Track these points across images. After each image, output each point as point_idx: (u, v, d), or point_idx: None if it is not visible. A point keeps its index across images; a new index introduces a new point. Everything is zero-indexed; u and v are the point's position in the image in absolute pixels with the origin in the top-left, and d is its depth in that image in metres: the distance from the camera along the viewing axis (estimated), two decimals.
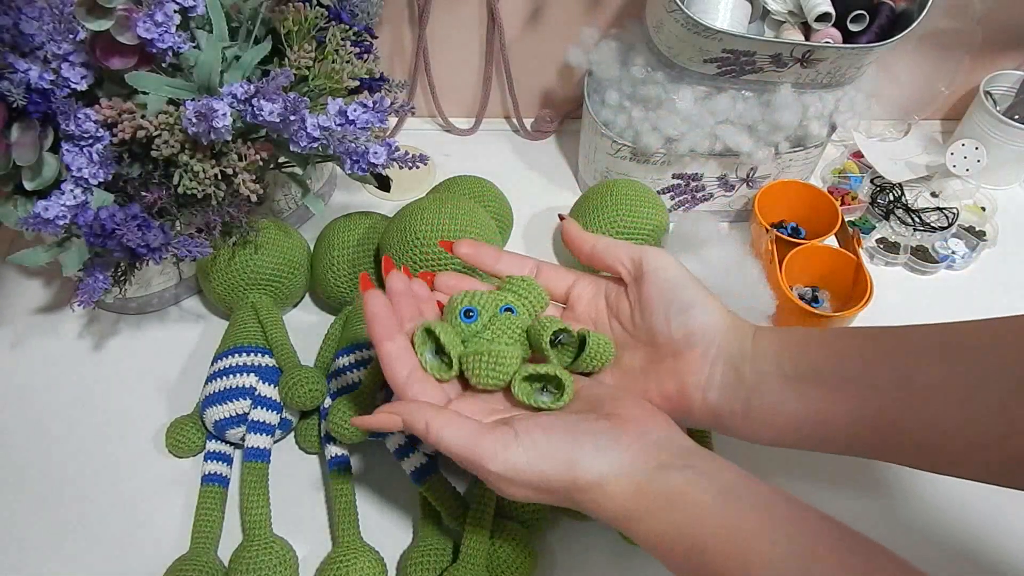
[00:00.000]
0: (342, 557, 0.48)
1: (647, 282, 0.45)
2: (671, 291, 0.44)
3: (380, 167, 0.55)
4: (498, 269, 0.49)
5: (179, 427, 0.55)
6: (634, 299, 0.46)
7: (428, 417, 0.39)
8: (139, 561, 0.51)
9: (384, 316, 0.42)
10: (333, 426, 0.51)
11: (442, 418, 0.39)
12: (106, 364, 0.61)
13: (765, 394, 0.41)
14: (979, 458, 0.36)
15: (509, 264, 0.49)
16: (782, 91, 0.63)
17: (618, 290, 0.47)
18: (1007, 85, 0.79)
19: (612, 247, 0.47)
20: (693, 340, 0.43)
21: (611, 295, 0.47)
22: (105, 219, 0.49)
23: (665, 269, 0.45)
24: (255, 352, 0.56)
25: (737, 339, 0.43)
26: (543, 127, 0.83)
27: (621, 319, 0.47)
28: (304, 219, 0.72)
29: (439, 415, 0.39)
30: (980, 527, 0.54)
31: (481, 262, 0.48)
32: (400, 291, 0.45)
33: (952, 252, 0.72)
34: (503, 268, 0.49)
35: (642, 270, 0.45)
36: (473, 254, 0.48)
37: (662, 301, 0.44)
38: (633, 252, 0.46)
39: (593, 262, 0.48)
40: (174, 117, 0.50)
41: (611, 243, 0.47)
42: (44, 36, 0.49)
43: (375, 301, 0.42)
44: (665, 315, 0.44)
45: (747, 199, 0.74)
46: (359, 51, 0.59)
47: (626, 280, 0.46)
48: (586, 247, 0.48)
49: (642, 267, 0.45)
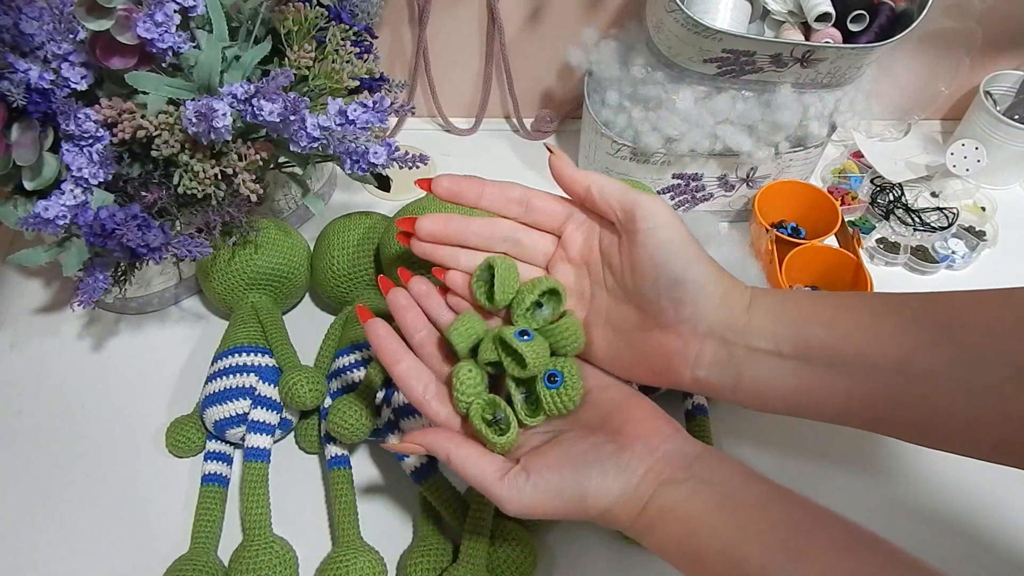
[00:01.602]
0: (342, 557, 0.48)
1: (639, 243, 0.41)
2: (663, 257, 0.41)
3: (380, 167, 0.55)
4: (482, 205, 0.45)
5: (179, 427, 0.55)
6: (624, 256, 0.43)
7: (449, 449, 0.41)
8: (139, 561, 0.51)
9: (388, 341, 0.44)
10: (333, 426, 0.51)
11: (464, 452, 0.41)
12: (106, 364, 0.61)
13: (758, 371, 0.41)
14: (973, 438, 0.37)
15: (493, 198, 0.45)
16: (782, 91, 0.63)
17: (611, 238, 0.44)
18: (1007, 85, 0.79)
19: (606, 191, 0.43)
20: (683, 314, 0.41)
21: (604, 241, 0.44)
22: (105, 219, 0.49)
23: (658, 230, 0.41)
24: (255, 352, 0.56)
25: (729, 313, 0.41)
26: (543, 127, 0.83)
27: (613, 270, 0.44)
28: (304, 219, 0.72)
29: (461, 448, 0.41)
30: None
31: (464, 201, 0.45)
32: (404, 306, 0.46)
33: (952, 252, 0.72)
34: (487, 203, 0.45)
35: (635, 225, 0.41)
36: (455, 191, 0.45)
37: (653, 268, 0.41)
38: (626, 202, 0.42)
39: (585, 205, 0.45)
40: (174, 117, 0.50)
41: (605, 186, 0.43)
42: (44, 36, 0.49)
43: (376, 331, 0.44)
44: (655, 284, 0.41)
45: (747, 199, 0.74)
46: (359, 51, 0.59)
47: (618, 230, 0.43)
48: (578, 188, 0.44)
49: (635, 221, 0.41)
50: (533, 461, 0.40)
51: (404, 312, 0.46)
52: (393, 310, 0.46)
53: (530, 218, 0.46)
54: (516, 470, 0.40)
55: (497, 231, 0.46)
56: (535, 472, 0.40)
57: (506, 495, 0.40)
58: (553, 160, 0.44)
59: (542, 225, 0.46)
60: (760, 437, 0.57)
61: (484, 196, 0.45)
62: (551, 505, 0.39)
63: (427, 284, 0.48)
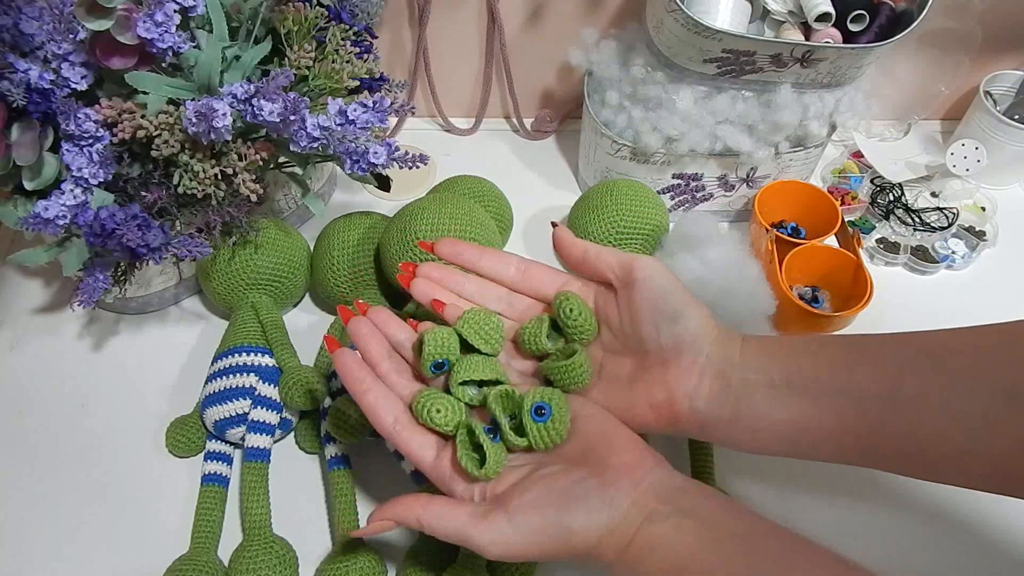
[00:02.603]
0: (342, 557, 0.48)
1: (636, 289, 0.44)
2: (660, 299, 0.43)
3: (380, 167, 0.55)
4: (480, 267, 0.48)
5: (179, 427, 0.55)
6: (623, 306, 0.45)
7: (418, 513, 0.41)
8: (139, 561, 0.51)
9: (355, 370, 0.44)
10: (333, 426, 0.51)
11: (433, 510, 0.41)
12: (106, 364, 0.61)
13: (753, 403, 0.42)
14: (962, 466, 0.37)
15: (492, 263, 0.48)
16: (782, 91, 0.64)
17: (607, 296, 0.46)
18: (1007, 85, 0.79)
19: (603, 253, 0.46)
20: (682, 348, 0.43)
21: (600, 301, 0.47)
22: (105, 219, 0.49)
23: (654, 277, 0.44)
24: (255, 352, 0.56)
25: (725, 348, 0.43)
26: (543, 127, 0.83)
27: (610, 326, 0.46)
28: (304, 219, 0.72)
29: (429, 507, 0.41)
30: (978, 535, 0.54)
31: (463, 262, 0.48)
32: (365, 334, 0.46)
33: (952, 252, 0.72)
34: (485, 267, 0.48)
35: (632, 277, 0.44)
36: (454, 254, 0.48)
37: (651, 309, 0.43)
38: (623, 259, 0.45)
39: (583, 269, 0.47)
40: (174, 117, 0.50)
41: (602, 250, 0.46)
42: (44, 36, 0.49)
43: (343, 359, 0.44)
44: (654, 323, 0.43)
45: (747, 199, 0.74)
46: (359, 51, 0.59)
47: (615, 286, 0.45)
48: (576, 253, 0.47)
49: (632, 274, 0.44)
50: (512, 500, 0.40)
51: (367, 340, 0.46)
52: (355, 338, 0.46)
53: (526, 284, 0.48)
54: (494, 513, 0.39)
55: (491, 291, 0.48)
56: (516, 512, 0.39)
57: (487, 539, 0.39)
58: (557, 231, 0.48)
59: (537, 292, 0.48)
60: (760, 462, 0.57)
61: (484, 258, 0.48)
62: (535, 545, 0.39)
63: (386, 313, 0.47)
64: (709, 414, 0.42)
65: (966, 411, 0.36)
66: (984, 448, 0.36)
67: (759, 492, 0.55)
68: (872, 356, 0.40)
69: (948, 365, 0.37)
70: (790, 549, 0.37)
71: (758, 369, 0.42)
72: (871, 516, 0.54)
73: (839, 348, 0.41)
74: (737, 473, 0.56)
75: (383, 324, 0.47)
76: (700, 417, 0.43)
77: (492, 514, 0.39)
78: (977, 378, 0.36)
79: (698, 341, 0.43)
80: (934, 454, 0.37)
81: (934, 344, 0.39)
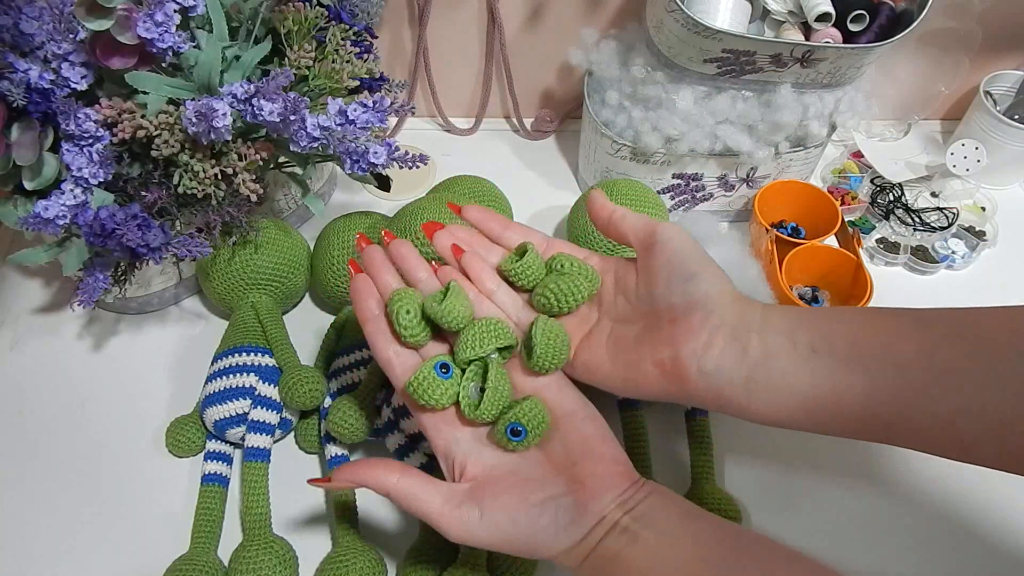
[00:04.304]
0: (342, 557, 0.48)
1: (655, 251, 0.44)
2: (678, 259, 0.43)
3: (380, 167, 0.55)
4: (506, 236, 0.49)
5: (179, 427, 0.55)
6: (642, 269, 0.45)
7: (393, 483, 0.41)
8: (139, 561, 0.51)
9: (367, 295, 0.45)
10: (333, 426, 0.51)
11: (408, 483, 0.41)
12: (106, 364, 0.61)
13: (772, 367, 0.39)
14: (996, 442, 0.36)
15: (516, 234, 0.49)
16: (782, 91, 0.64)
17: (627, 266, 0.46)
18: (1007, 85, 0.79)
19: (628, 217, 0.46)
20: (693, 306, 0.42)
21: (620, 271, 0.47)
22: (105, 219, 0.49)
23: (674, 240, 0.44)
24: (255, 352, 0.56)
25: (743, 310, 0.41)
26: (543, 127, 0.83)
27: (627, 293, 0.46)
28: (304, 219, 0.72)
29: (404, 478, 0.42)
30: (983, 517, 0.54)
31: (488, 228, 0.49)
32: (379, 262, 0.47)
33: (952, 252, 0.72)
34: (510, 238, 0.49)
35: (653, 239, 0.44)
36: (482, 219, 0.49)
37: (667, 268, 0.43)
38: (646, 223, 0.45)
39: (609, 230, 0.47)
40: (174, 117, 0.50)
41: (628, 213, 0.47)
42: (44, 36, 0.49)
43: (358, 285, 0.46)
44: (668, 281, 0.43)
45: (747, 199, 0.74)
46: (359, 51, 0.59)
47: (636, 248, 0.46)
48: (604, 213, 0.47)
49: (653, 236, 0.44)
50: (487, 496, 0.40)
51: (380, 269, 0.46)
52: (368, 266, 0.47)
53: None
54: (468, 505, 0.40)
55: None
56: (488, 509, 0.40)
57: (455, 530, 0.40)
58: (594, 191, 0.49)
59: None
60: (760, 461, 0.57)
61: (508, 228, 0.49)
62: (498, 544, 0.40)
63: (408, 246, 0.48)
64: (719, 376, 0.40)
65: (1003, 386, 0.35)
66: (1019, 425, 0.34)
67: (759, 491, 0.55)
68: (908, 326, 0.38)
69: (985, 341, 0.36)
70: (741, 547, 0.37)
71: (781, 332, 0.40)
72: (872, 514, 0.54)
73: (874, 317, 0.39)
74: (737, 472, 0.56)
75: (401, 259, 0.47)
76: (709, 380, 0.40)
77: (465, 505, 0.40)
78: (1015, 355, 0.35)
79: (711, 300, 0.42)
80: (968, 428, 0.36)
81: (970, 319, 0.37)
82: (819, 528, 0.53)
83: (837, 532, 0.53)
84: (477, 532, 0.40)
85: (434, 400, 0.42)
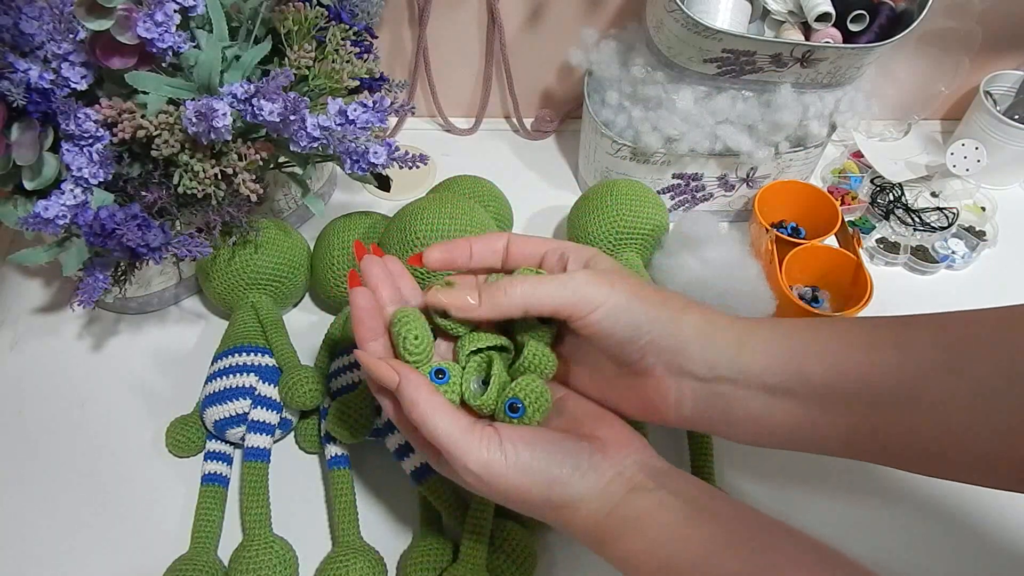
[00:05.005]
0: (342, 557, 0.48)
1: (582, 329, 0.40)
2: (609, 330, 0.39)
3: (380, 167, 0.55)
4: (473, 266, 0.44)
5: (179, 427, 0.55)
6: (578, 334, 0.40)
7: (423, 397, 0.38)
8: (139, 561, 0.51)
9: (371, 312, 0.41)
10: (333, 426, 0.51)
11: (435, 401, 0.38)
12: (106, 364, 0.61)
13: (749, 408, 0.39)
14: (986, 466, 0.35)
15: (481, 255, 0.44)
16: (782, 91, 0.63)
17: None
18: (1007, 85, 0.79)
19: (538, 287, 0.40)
20: (649, 363, 0.40)
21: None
22: (105, 219, 0.49)
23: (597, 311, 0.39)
24: (255, 352, 0.56)
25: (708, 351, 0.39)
26: (543, 127, 0.83)
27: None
28: (304, 219, 0.72)
29: (433, 397, 0.38)
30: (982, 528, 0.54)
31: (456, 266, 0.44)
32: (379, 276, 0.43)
33: (952, 252, 0.72)
34: (476, 263, 0.44)
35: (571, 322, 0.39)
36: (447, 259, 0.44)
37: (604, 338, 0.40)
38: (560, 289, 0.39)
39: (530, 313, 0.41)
40: (174, 117, 0.50)
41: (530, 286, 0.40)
42: (44, 36, 0.49)
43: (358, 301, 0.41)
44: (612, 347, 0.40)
45: (747, 199, 0.74)
46: (359, 51, 0.59)
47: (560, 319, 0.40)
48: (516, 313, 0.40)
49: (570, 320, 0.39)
50: (507, 431, 0.38)
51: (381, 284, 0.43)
52: (368, 279, 0.43)
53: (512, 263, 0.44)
54: (490, 431, 0.38)
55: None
56: (508, 441, 0.37)
57: (474, 453, 0.37)
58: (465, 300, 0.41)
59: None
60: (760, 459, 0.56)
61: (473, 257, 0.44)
62: (515, 480, 0.37)
63: (400, 264, 0.46)
64: (698, 418, 0.41)
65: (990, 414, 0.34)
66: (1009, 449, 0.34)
67: (759, 489, 0.55)
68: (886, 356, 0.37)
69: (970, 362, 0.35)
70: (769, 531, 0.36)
71: (753, 375, 0.39)
72: (872, 513, 0.54)
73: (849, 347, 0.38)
74: (737, 470, 0.56)
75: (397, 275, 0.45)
76: (688, 421, 0.41)
77: (487, 431, 0.38)
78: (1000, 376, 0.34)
79: (667, 350, 0.39)
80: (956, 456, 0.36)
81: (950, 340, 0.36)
82: (820, 528, 0.53)
83: (838, 532, 0.53)
84: (496, 460, 0.37)
85: None
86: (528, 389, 0.41)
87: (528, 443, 0.38)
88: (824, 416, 0.38)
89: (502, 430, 0.38)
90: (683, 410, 0.41)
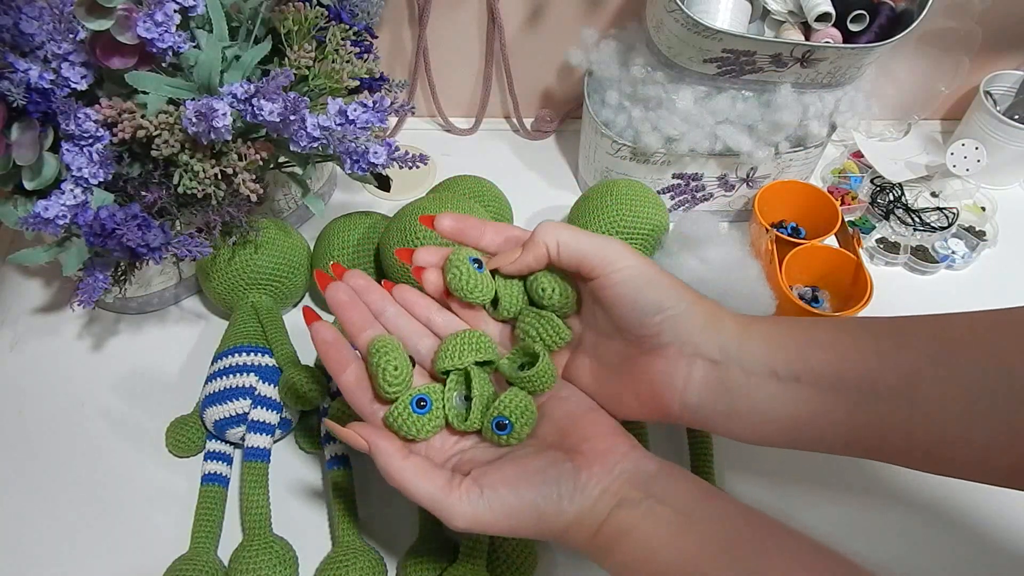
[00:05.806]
0: (342, 557, 0.48)
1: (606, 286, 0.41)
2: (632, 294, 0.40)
3: (380, 167, 0.55)
4: (484, 245, 0.45)
5: (179, 427, 0.55)
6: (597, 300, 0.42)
7: (395, 465, 0.40)
8: (139, 561, 0.51)
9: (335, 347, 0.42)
10: None
11: (408, 467, 0.40)
12: (106, 364, 0.61)
13: (753, 398, 0.40)
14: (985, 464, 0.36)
15: (494, 236, 0.45)
16: (782, 91, 0.64)
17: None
18: (1007, 85, 0.79)
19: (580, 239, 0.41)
20: (664, 337, 0.40)
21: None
22: (105, 219, 0.49)
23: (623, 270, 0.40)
24: (255, 352, 0.56)
25: (718, 335, 0.40)
26: (543, 127, 0.83)
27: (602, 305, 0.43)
28: (304, 219, 0.72)
29: (405, 464, 0.40)
30: (984, 528, 0.54)
31: (465, 239, 0.44)
32: (346, 302, 0.44)
33: (952, 252, 0.72)
34: (488, 243, 0.45)
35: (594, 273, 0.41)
36: (458, 230, 0.44)
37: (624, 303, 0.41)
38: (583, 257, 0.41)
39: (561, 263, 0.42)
40: (174, 117, 0.50)
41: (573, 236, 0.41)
42: (44, 36, 0.49)
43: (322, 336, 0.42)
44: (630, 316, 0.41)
45: (747, 199, 0.74)
46: (359, 51, 0.59)
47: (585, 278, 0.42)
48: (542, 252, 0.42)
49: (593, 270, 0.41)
50: (486, 476, 0.39)
51: (348, 309, 0.43)
52: (334, 307, 0.43)
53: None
54: (468, 483, 0.39)
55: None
56: (489, 487, 0.39)
57: (457, 509, 0.38)
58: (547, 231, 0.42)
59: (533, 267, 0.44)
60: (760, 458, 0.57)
61: (485, 234, 0.45)
62: (503, 523, 0.38)
63: (365, 278, 0.45)
64: (702, 409, 0.41)
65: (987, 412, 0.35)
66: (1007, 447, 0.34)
67: (759, 488, 0.55)
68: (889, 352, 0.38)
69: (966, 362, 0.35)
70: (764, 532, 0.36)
71: (760, 361, 0.39)
72: (872, 513, 0.54)
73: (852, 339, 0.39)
74: (737, 469, 0.56)
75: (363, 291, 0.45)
76: (692, 413, 0.41)
77: (467, 485, 0.39)
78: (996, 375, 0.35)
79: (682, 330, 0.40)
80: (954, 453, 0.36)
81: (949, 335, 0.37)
82: (820, 528, 0.53)
83: (838, 532, 0.53)
84: (481, 511, 0.38)
85: (412, 434, 0.42)
86: (513, 405, 0.41)
87: (510, 484, 0.39)
88: (824, 407, 0.38)
89: (481, 478, 0.39)
90: (688, 396, 0.40)
